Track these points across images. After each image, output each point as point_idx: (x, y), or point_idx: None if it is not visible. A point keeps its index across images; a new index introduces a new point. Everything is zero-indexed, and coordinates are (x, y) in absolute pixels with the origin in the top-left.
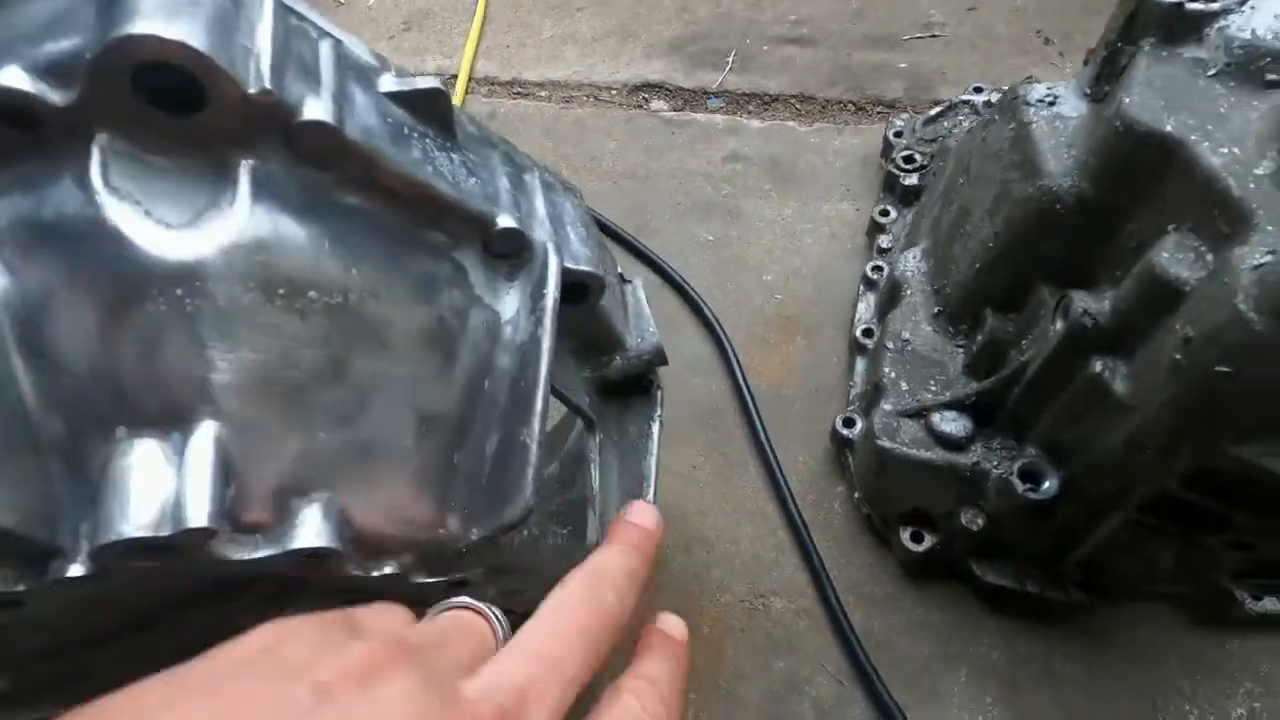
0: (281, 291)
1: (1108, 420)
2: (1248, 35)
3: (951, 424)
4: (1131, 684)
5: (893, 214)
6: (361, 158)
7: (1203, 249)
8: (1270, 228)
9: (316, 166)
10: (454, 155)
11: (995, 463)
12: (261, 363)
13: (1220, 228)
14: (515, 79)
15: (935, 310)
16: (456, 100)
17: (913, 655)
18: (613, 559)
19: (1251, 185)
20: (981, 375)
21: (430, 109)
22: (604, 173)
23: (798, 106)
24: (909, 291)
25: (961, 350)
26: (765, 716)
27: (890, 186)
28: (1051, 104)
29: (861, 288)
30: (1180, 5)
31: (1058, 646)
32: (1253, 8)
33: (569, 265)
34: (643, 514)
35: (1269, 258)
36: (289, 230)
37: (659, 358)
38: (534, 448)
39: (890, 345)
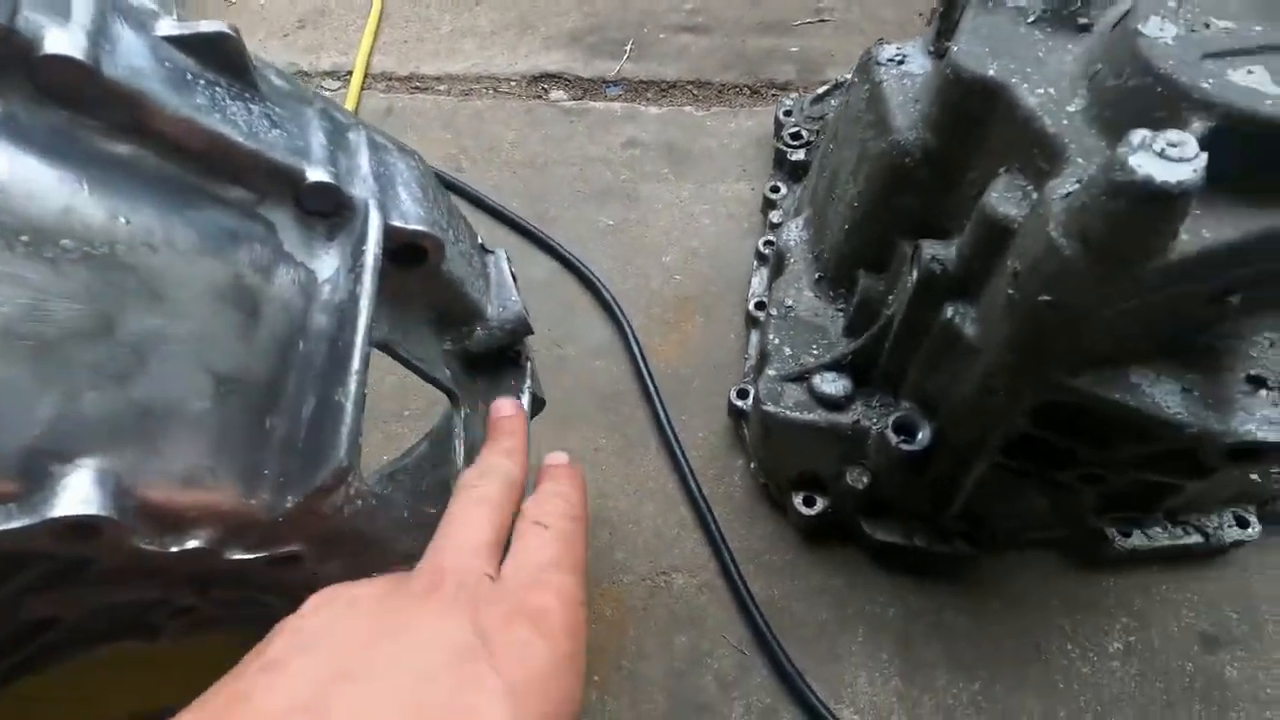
0: (24, 238)
1: (962, 365)
2: None
3: (831, 385)
4: (1016, 629)
5: (783, 189)
6: (125, 99)
7: (1029, 187)
8: (1080, 160)
9: (72, 108)
10: (252, 106)
11: (874, 419)
12: (3, 315)
13: (1040, 165)
14: (413, 73)
15: (816, 276)
16: (351, 97)
17: (811, 620)
18: (491, 453)
19: (1065, 122)
20: (859, 336)
21: (218, 56)
22: (503, 163)
23: (694, 92)
24: (792, 260)
25: (841, 313)
26: (668, 693)
27: (780, 163)
28: (900, 63)
29: (755, 263)
30: None
31: (947, 600)
32: None
33: (399, 224)
34: (502, 409)
35: (1075, 186)
36: (32, 173)
37: (523, 327)
38: (349, 407)
39: (775, 313)
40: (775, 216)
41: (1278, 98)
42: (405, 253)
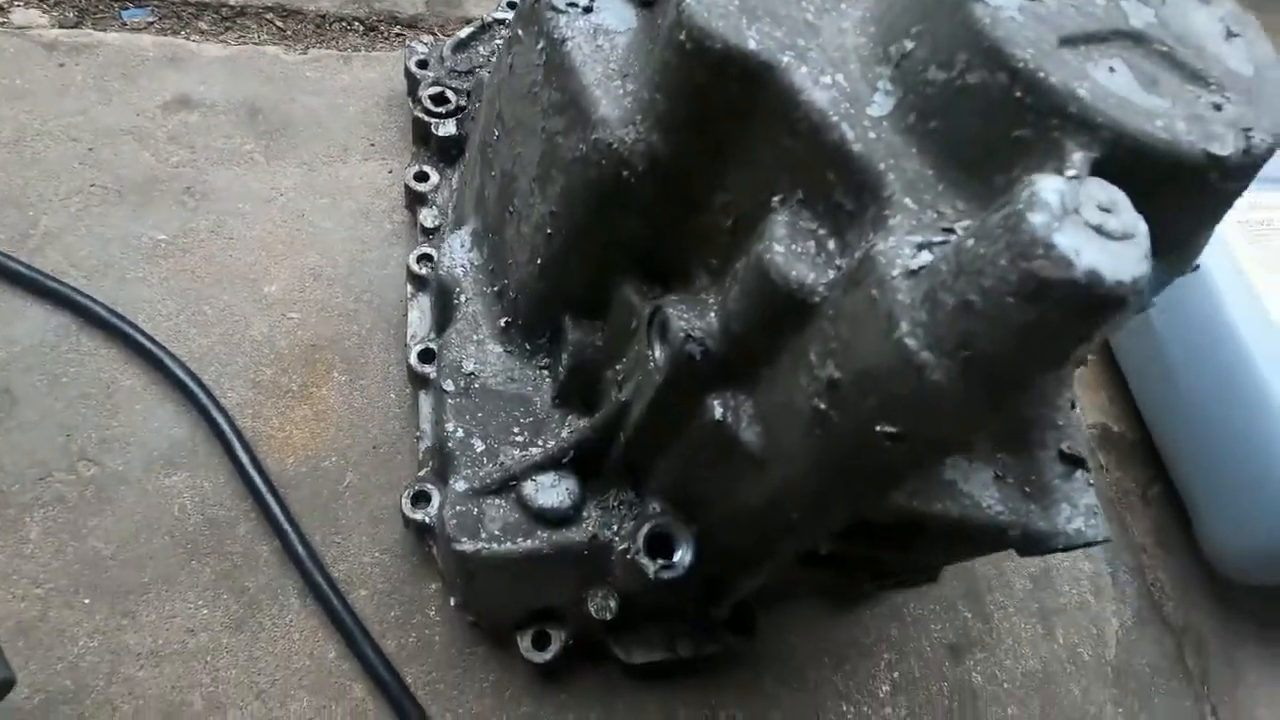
0: None
1: (740, 474)
2: None
3: (551, 493)
4: (791, 707)
5: (434, 177)
6: None
7: (823, 234)
8: (909, 202)
9: None
10: None
11: (616, 526)
12: None
13: (840, 200)
14: None
15: (502, 322)
16: None
17: None
18: None
19: (871, 134)
20: (577, 405)
21: None
22: None
23: (278, 25)
24: (464, 297)
25: (546, 371)
26: None
27: (424, 138)
28: (588, 10)
29: (410, 288)
30: None
31: (719, 696)
32: None
33: None
34: None
35: (926, 256)
36: None
37: None
38: None
39: (450, 387)
40: (428, 218)
41: (1158, 114)
42: None
